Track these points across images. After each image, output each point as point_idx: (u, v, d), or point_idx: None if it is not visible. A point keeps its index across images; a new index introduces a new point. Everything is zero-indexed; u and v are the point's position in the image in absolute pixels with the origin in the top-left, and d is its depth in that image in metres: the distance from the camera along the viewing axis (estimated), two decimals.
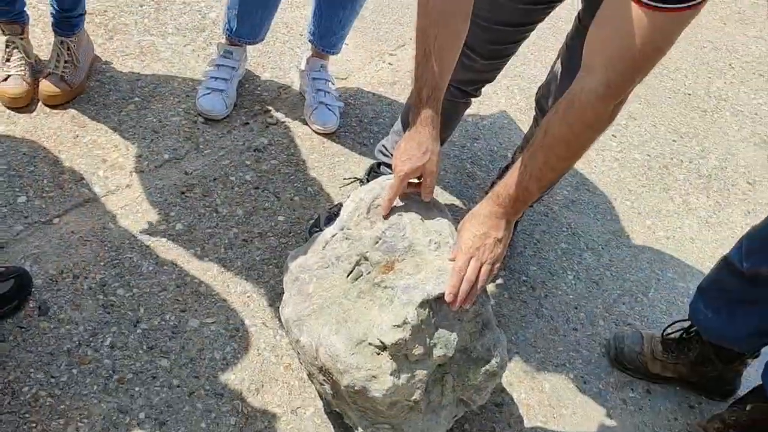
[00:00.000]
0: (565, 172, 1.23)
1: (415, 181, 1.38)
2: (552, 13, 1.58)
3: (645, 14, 1.01)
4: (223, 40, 2.21)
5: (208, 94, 2.17)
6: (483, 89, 1.77)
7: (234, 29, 2.12)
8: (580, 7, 1.51)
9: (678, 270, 2.19)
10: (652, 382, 1.84)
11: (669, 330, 1.81)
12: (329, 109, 2.23)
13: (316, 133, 2.23)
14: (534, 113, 1.74)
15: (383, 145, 1.91)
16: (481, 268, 1.27)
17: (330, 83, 2.28)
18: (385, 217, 1.38)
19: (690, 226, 2.36)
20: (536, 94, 1.73)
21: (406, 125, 1.65)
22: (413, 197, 1.43)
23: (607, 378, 1.83)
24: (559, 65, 1.61)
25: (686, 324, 1.79)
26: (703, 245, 2.30)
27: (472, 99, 1.79)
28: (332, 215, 1.79)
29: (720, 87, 3.08)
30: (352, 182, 2.03)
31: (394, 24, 2.84)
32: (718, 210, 2.45)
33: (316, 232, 1.69)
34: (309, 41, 2.26)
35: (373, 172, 1.92)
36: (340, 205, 1.82)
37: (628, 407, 1.78)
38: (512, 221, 1.30)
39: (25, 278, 1.59)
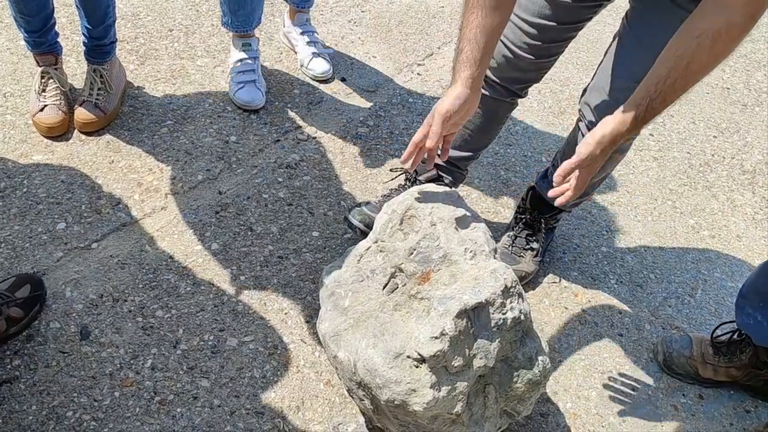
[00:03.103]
0: None
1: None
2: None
3: None
4: (231, 35, 2.33)
5: (243, 87, 2.27)
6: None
7: (230, 22, 2.25)
8: (628, 7, 1.48)
9: (725, 269, 2.11)
10: (704, 386, 1.77)
11: (718, 332, 1.75)
12: (322, 57, 2.45)
13: (314, 80, 2.43)
14: (578, 116, 1.70)
15: None
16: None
17: (316, 34, 2.47)
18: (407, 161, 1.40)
19: (736, 223, 2.29)
20: (581, 96, 1.69)
21: None
22: (446, 206, 1.41)
23: (657, 384, 1.77)
24: (606, 66, 1.57)
25: (736, 325, 1.72)
26: (751, 242, 2.22)
27: (518, 100, 1.76)
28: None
29: (760, 79, 2.99)
30: (398, 175, 2.00)
31: (421, 34, 2.83)
32: (765, 206, 2.37)
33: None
34: (286, 1, 2.45)
35: (421, 163, 1.90)
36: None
37: (681, 413, 1.72)
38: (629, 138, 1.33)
39: (35, 279, 1.63)
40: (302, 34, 2.45)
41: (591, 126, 1.62)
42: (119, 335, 1.62)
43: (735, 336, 1.72)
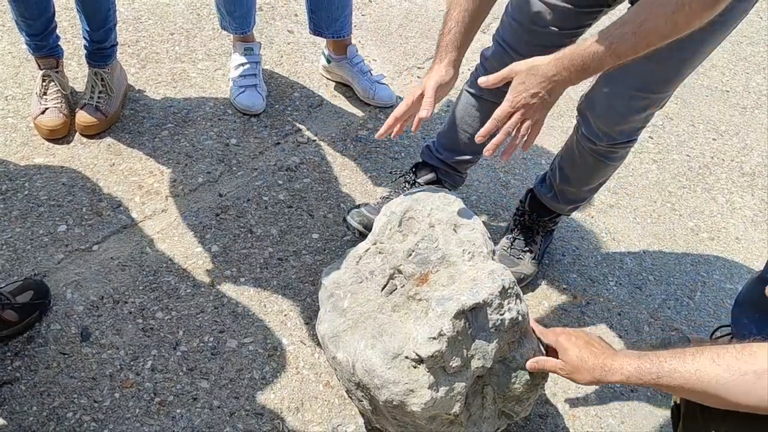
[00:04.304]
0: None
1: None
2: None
3: None
4: (232, 38, 2.32)
5: (244, 91, 2.27)
6: None
7: (228, 24, 2.25)
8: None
9: (724, 271, 2.12)
10: None
11: (718, 334, 1.75)
12: (383, 84, 2.45)
13: (381, 108, 2.44)
14: (576, 122, 1.70)
15: (428, 146, 1.91)
16: (522, 124, 1.31)
17: (365, 62, 2.46)
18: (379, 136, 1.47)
19: (735, 225, 2.29)
20: (579, 102, 1.70)
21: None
22: (444, 208, 1.42)
23: None
24: (604, 73, 1.57)
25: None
26: (750, 245, 2.22)
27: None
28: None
29: (759, 82, 3.00)
30: (399, 177, 2.01)
31: (421, 38, 2.84)
32: (764, 208, 2.37)
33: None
34: (315, 34, 2.37)
35: (420, 166, 1.92)
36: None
37: None
38: (563, 89, 1.30)
39: (41, 287, 1.63)
40: (356, 65, 2.42)
41: (588, 134, 1.63)
42: (119, 337, 1.63)
43: (734, 339, 1.72)
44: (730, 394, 1.00)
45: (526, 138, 1.35)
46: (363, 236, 1.78)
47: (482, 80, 1.34)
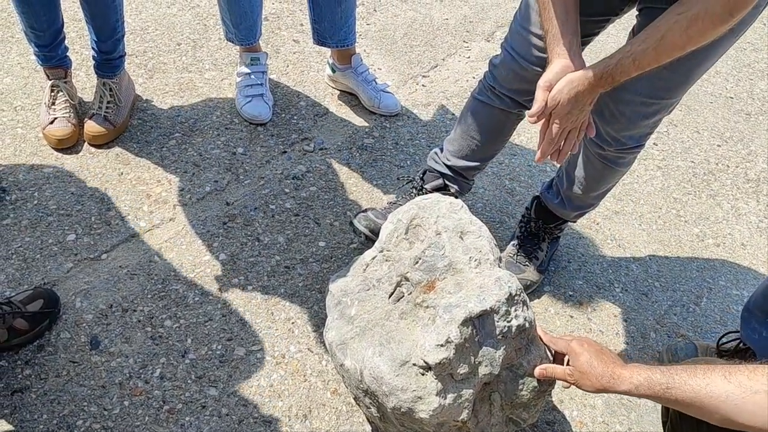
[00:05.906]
0: None
1: None
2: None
3: None
4: (239, 48, 2.34)
5: (250, 101, 2.28)
6: None
7: (234, 36, 2.26)
8: (635, 22, 1.49)
9: (730, 277, 2.12)
10: None
11: (724, 340, 1.75)
12: (388, 93, 2.47)
13: (386, 116, 2.46)
14: None
15: (435, 153, 1.92)
16: (568, 133, 1.46)
17: (370, 70, 2.47)
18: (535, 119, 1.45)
19: (740, 231, 2.29)
20: None
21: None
22: (451, 216, 1.43)
23: None
24: None
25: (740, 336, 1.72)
26: (756, 251, 2.23)
27: (525, 112, 1.77)
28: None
29: (763, 88, 3.00)
30: (406, 183, 2.02)
31: (426, 46, 2.86)
32: None
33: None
34: (318, 44, 2.38)
35: (428, 172, 1.93)
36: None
37: None
38: (596, 94, 1.40)
39: (51, 296, 1.64)
40: (361, 73, 2.44)
41: (597, 139, 1.64)
42: (128, 345, 1.64)
43: (741, 344, 1.72)
44: (737, 412, 1.01)
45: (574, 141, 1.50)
46: (369, 240, 1.79)
47: (532, 120, 1.45)
